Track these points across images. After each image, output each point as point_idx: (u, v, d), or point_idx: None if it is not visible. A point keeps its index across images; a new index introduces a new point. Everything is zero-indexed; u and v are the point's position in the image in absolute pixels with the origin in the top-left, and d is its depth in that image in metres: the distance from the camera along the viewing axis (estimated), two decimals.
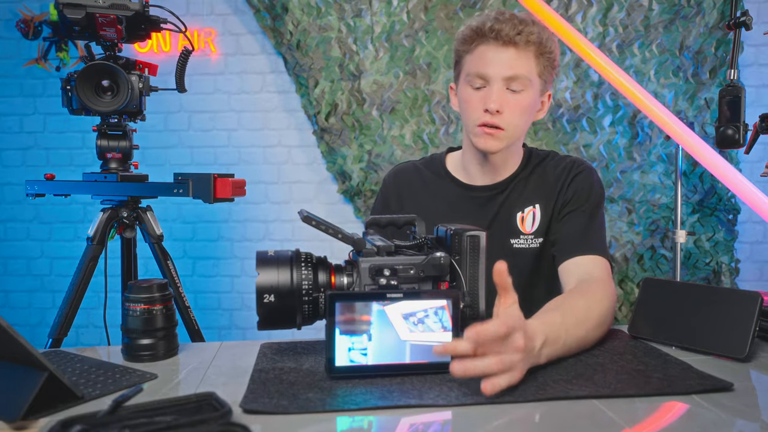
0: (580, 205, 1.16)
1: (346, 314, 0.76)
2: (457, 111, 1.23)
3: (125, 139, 1.57)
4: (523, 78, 1.10)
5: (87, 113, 1.52)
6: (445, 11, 2.68)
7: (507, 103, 1.10)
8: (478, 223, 1.19)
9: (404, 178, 1.29)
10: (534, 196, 1.19)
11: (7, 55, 2.88)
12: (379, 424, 0.67)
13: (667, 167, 2.65)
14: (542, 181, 1.20)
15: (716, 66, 2.59)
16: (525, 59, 1.10)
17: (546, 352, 0.80)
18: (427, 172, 1.28)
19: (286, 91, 2.88)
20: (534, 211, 1.19)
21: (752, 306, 0.87)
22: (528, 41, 1.08)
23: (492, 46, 1.10)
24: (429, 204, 1.24)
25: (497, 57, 1.10)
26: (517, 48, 1.09)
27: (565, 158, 1.22)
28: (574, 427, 0.65)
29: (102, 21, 1.41)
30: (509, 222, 1.19)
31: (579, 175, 1.18)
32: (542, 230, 1.18)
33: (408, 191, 1.27)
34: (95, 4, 1.40)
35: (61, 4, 1.38)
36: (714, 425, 0.64)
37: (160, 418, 0.60)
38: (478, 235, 0.84)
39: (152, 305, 0.88)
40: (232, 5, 2.86)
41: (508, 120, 1.11)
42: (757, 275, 2.80)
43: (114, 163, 1.57)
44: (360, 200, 2.81)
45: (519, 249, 1.19)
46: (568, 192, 1.17)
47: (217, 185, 1.45)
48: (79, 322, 1.58)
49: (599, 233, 1.15)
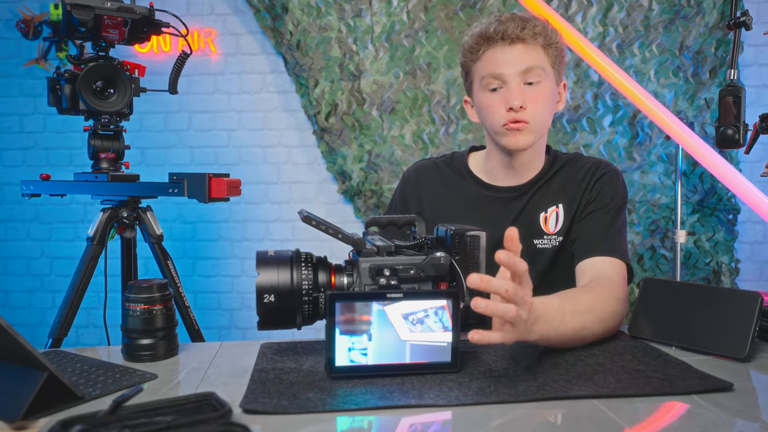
0: (604, 206, 1.15)
1: (346, 314, 0.76)
2: (476, 122, 1.23)
3: (118, 139, 1.58)
4: (538, 68, 1.10)
5: (76, 112, 1.52)
6: (445, 11, 2.68)
7: (528, 97, 1.10)
8: (500, 222, 1.17)
9: (425, 176, 1.28)
10: (557, 196, 1.19)
11: (7, 55, 2.88)
12: (379, 424, 0.67)
13: (667, 167, 2.65)
14: (567, 181, 1.19)
15: (716, 66, 2.59)
16: (535, 52, 1.11)
17: (537, 329, 0.80)
18: (447, 170, 1.27)
19: (286, 91, 2.88)
20: (557, 211, 1.18)
21: (752, 306, 0.87)
22: (534, 34, 1.10)
23: (500, 47, 1.10)
24: (448, 202, 1.23)
25: (508, 55, 1.10)
26: (524, 43, 1.10)
27: (591, 159, 1.22)
28: (574, 427, 0.65)
29: (108, 23, 1.42)
30: (533, 222, 1.18)
31: (605, 175, 1.18)
32: (565, 229, 1.17)
33: (428, 189, 1.26)
34: (103, 6, 1.40)
35: (69, 4, 1.38)
36: (714, 425, 0.64)
37: (160, 418, 0.60)
38: (478, 235, 0.84)
39: (152, 305, 0.88)
40: (232, 5, 2.86)
41: (532, 113, 1.11)
42: (757, 275, 2.80)
43: (105, 163, 1.57)
44: (360, 200, 2.81)
45: (542, 249, 1.18)
46: (593, 192, 1.17)
47: (212, 185, 1.45)
48: (79, 322, 1.58)
49: (619, 236, 1.14)
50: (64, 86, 1.49)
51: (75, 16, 1.38)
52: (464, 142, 2.71)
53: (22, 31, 2.82)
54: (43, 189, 1.59)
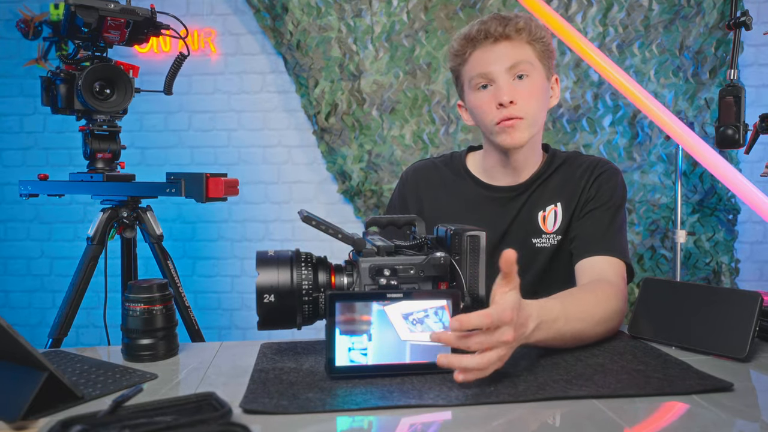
0: (602, 204, 1.14)
1: (346, 314, 0.76)
2: (471, 125, 1.23)
3: (115, 139, 1.58)
4: (524, 62, 1.10)
5: (71, 112, 1.53)
6: (445, 11, 2.68)
7: (517, 92, 1.10)
8: (498, 222, 1.18)
9: (423, 176, 1.28)
10: (556, 195, 1.18)
11: (7, 55, 2.88)
12: (379, 424, 0.67)
13: (667, 167, 2.65)
14: (565, 179, 1.19)
15: (716, 66, 2.59)
16: (520, 47, 1.11)
17: (538, 335, 0.80)
18: (446, 170, 1.27)
19: (286, 91, 2.88)
20: (555, 210, 1.17)
21: (752, 306, 0.87)
22: (517, 29, 1.10)
23: (485, 46, 1.11)
24: (448, 202, 1.23)
25: (494, 53, 1.11)
26: (509, 39, 1.10)
27: (589, 158, 1.21)
28: (574, 427, 0.65)
29: (111, 24, 1.42)
30: (531, 222, 1.18)
31: (604, 174, 1.17)
32: (563, 228, 1.17)
33: (427, 189, 1.26)
34: (107, 8, 1.41)
35: (74, 5, 1.38)
36: (714, 425, 0.64)
37: (160, 418, 0.60)
38: (478, 235, 0.84)
39: (152, 305, 0.88)
40: (232, 5, 2.86)
41: (524, 108, 1.10)
42: (757, 275, 2.80)
43: (101, 163, 1.57)
44: (360, 200, 2.81)
45: (541, 248, 1.17)
46: (591, 190, 1.16)
47: (209, 185, 1.45)
48: (79, 322, 1.58)
49: (618, 235, 1.13)
50: (59, 86, 1.49)
51: (79, 16, 1.38)
52: (464, 142, 2.71)
53: (22, 31, 2.82)
54: (41, 189, 1.60)
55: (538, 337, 0.81)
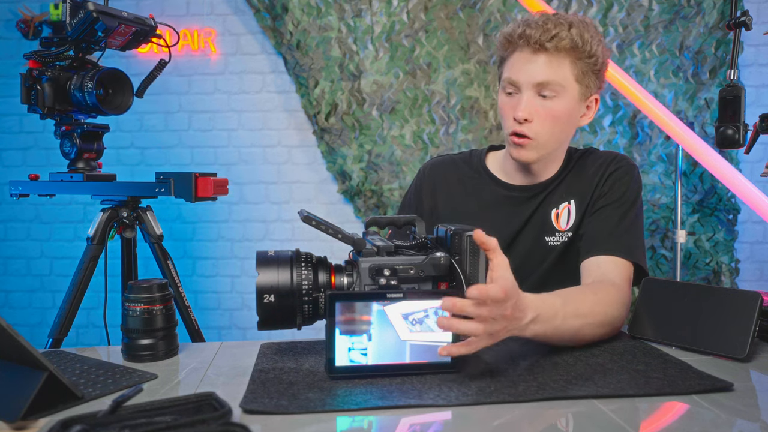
0: (614, 201, 1.12)
1: (346, 314, 0.76)
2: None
3: (101, 138, 1.59)
4: (555, 84, 1.05)
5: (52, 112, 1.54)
6: (445, 11, 2.68)
7: (536, 111, 1.06)
8: (513, 221, 1.17)
9: (441, 172, 1.27)
10: (569, 192, 1.16)
11: (7, 55, 2.88)
12: (379, 424, 0.67)
13: (667, 167, 2.65)
14: (580, 175, 1.17)
15: (716, 66, 2.59)
16: (557, 66, 1.04)
17: (534, 328, 0.80)
18: (465, 167, 1.26)
19: (286, 91, 2.88)
20: (569, 207, 1.15)
21: (752, 306, 0.87)
22: (558, 48, 1.03)
23: (524, 52, 1.06)
24: (462, 200, 1.22)
25: (528, 64, 1.06)
26: (548, 54, 1.04)
27: (605, 153, 1.19)
28: (574, 427, 0.65)
29: (120, 30, 1.44)
30: (545, 220, 1.16)
31: (619, 170, 1.14)
32: (575, 226, 1.15)
33: (443, 185, 1.25)
34: (122, 16, 1.43)
35: (97, 11, 1.39)
36: (714, 425, 0.64)
37: (160, 418, 0.60)
38: None
39: (152, 305, 0.88)
40: (232, 5, 2.86)
41: (537, 129, 1.07)
42: (757, 275, 2.80)
43: (82, 163, 1.58)
44: (360, 200, 2.81)
45: (553, 246, 1.16)
46: (605, 186, 1.13)
47: (198, 184, 1.45)
48: (79, 322, 1.58)
49: (629, 233, 1.09)
50: (45, 84, 1.49)
51: (102, 22, 1.39)
52: (464, 142, 2.71)
53: (22, 31, 2.82)
54: (31, 189, 1.60)
55: (535, 330, 0.81)
